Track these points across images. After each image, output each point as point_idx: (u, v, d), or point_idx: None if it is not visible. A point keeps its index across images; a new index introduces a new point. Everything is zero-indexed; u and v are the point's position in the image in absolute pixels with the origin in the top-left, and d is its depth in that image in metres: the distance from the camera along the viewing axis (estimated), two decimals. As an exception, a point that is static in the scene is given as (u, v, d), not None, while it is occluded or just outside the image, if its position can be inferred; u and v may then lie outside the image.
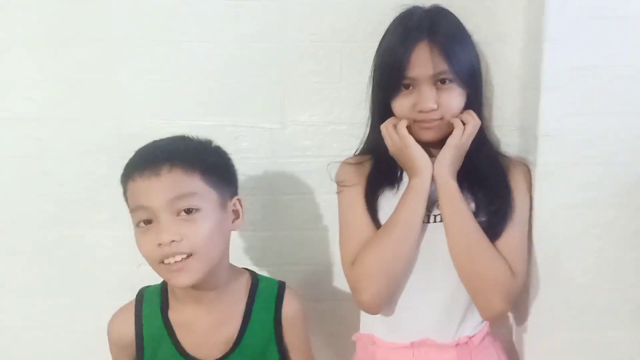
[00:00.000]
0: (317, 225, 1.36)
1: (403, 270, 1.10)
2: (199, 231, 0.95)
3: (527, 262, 1.15)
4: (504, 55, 1.24)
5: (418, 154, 1.09)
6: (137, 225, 0.98)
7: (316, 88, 1.30)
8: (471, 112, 1.10)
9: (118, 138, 1.34)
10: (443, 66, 1.05)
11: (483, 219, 1.09)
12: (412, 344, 1.13)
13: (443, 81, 1.07)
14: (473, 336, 1.14)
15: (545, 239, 1.17)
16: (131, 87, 1.32)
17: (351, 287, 1.13)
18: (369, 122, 1.21)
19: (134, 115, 1.33)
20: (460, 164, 1.10)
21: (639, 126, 1.13)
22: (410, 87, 1.09)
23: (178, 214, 0.95)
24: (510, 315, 1.33)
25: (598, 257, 1.18)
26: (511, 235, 1.10)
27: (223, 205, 1.02)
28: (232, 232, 1.07)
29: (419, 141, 1.10)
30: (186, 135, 1.06)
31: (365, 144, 1.23)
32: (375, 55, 1.16)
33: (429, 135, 1.11)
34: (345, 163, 1.22)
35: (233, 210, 1.05)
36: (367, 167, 1.19)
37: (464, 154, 1.10)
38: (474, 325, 1.15)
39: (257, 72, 1.30)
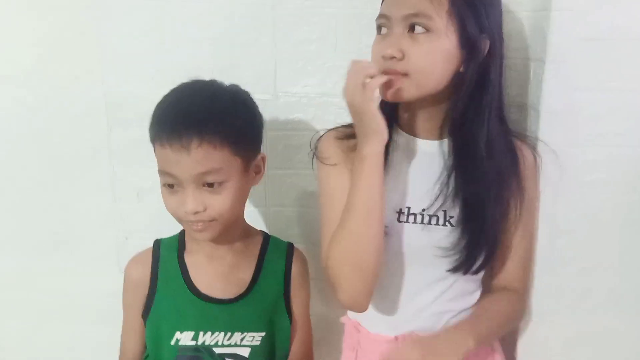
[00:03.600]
0: (309, 202, 1.30)
1: (374, 260, 0.94)
2: (222, 201, 0.99)
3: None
4: (508, 25, 1.16)
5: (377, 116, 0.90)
6: (163, 185, 1.01)
7: (310, 57, 1.24)
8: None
9: (104, 105, 1.29)
10: (423, 5, 0.87)
11: None
12: (397, 338, 1.05)
13: (412, 27, 0.89)
14: None
15: (545, 222, 1.11)
16: (117, 53, 1.27)
17: (330, 287, 0.99)
18: None
19: (121, 82, 1.28)
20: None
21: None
22: (383, 29, 0.93)
23: (203, 185, 0.98)
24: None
25: (600, 242, 1.12)
26: None
27: (247, 167, 1.03)
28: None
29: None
30: (214, 88, 1.03)
31: None
32: None
33: (390, 94, 0.92)
34: (330, 136, 1.06)
35: (255, 165, 1.05)
36: (354, 143, 0.98)
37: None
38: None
39: (248, 40, 1.24)
